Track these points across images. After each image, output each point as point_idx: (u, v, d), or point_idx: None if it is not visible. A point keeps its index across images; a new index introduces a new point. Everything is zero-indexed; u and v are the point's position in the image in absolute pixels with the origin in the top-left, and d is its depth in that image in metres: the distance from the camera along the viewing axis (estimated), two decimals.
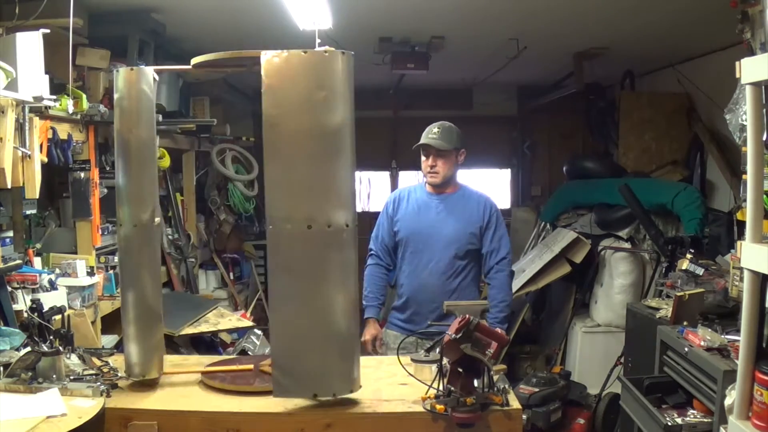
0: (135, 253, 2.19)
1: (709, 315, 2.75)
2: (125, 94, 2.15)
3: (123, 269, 2.24)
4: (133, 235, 2.17)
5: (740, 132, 2.09)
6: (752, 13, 2.28)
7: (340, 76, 1.91)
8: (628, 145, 5.41)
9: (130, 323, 2.18)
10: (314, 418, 1.96)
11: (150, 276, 2.20)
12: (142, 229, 2.16)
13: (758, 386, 1.71)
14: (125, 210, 2.17)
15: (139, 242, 2.18)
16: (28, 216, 3.18)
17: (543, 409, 3.76)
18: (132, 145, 2.16)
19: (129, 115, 2.16)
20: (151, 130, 2.20)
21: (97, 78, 3.49)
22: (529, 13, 3.92)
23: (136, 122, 2.16)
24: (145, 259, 2.20)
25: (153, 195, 2.24)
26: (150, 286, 2.20)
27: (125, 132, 2.16)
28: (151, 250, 2.23)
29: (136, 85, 2.14)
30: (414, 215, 3.03)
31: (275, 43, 1.94)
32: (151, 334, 2.20)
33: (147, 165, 2.20)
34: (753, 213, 1.72)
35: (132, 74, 2.15)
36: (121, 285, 2.25)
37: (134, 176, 2.18)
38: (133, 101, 2.15)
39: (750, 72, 1.70)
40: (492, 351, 1.92)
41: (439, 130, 2.96)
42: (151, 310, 2.20)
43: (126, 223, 2.17)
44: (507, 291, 3.02)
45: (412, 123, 3.17)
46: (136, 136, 2.16)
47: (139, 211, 2.16)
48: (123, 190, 2.18)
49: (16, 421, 1.78)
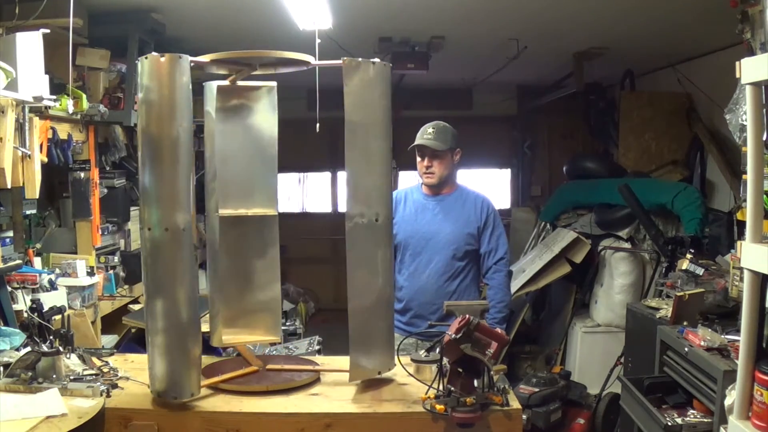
0: (167, 259, 2.00)
1: (709, 315, 2.75)
2: (155, 86, 1.95)
3: (150, 277, 2.03)
4: (164, 240, 1.97)
5: (740, 132, 2.09)
6: (752, 13, 2.28)
7: (389, 84, 2.23)
8: (628, 145, 5.41)
9: (158, 336, 2.00)
10: (314, 418, 1.96)
11: (183, 285, 2.00)
12: (175, 234, 1.97)
13: (758, 386, 1.71)
14: (154, 213, 1.99)
15: (171, 248, 1.98)
16: (28, 216, 3.19)
17: (543, 409, 3.76)
18: (164, 143, 1.97)
19: (160, 109, 1.96)
20: (188, 125, 1.99)
21: (97, 78, 3.50)
22: (529, 13, 3.92)
23: (169, 117, 1.96)
24: (179, 267, 2.00)
25: (189, 197, 2.02)
26: (183, 296, 2.00)
27: (154, 128, 1.97)
28: (185, 256, 2.01)
29: (170, 75, 1.94)
30: (411, 217, 3.02)
31: (275, 43, 1.95)
32: (184, 351, 2.00)
33: (182, 164, 1.98)
34: (753, 213, 1.72)
35: (164, 63, 1.93)
36: (146, 294, 2.06)
37: (166, 176, 1.98)
38: (165, 93, 1.95)
39: (750, 72, 1.70)
40: (492, 351, 1.91)
41: (434, 131, 2.95)
42: (186, 323, 2.00)
43: (155, 226, 1.97)
44: (506, 291, 3.01)
45: (412, 123, 3.16)
46: (168, 133, 1.96)
47: (172, 215, 1.97)
48: (151, 192, 1.99)
49: (16, 421, 1.78)
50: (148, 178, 1.99)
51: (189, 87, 1.97)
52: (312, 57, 2.21)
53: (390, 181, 2.22)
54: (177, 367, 1.99)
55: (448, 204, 3.01)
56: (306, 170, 8.06)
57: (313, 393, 2.13)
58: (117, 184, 3.74)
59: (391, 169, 2.24)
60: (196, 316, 2.04)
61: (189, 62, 1.98)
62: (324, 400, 2.06)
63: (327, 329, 5.71)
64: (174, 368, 1.98)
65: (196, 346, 2.03)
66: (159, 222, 1.97)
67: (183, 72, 1.95)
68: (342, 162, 2.17)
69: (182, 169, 1.98)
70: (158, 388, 2.00)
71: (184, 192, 1.98)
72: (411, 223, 3.01)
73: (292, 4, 3.35)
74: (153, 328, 2.02)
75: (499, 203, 7.46)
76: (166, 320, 2.00)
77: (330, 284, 7.62)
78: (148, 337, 2.03)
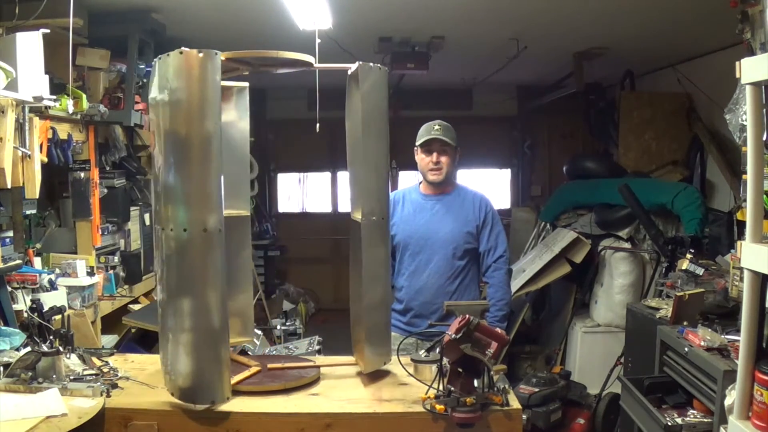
0: (196, 260, 1.94)
1: (709, 315, 2.76)
2: (183, 83, 1.89)
3: (175, 276, 1.96)
4: (193, 241, 1.91)
5: (740, 132, 2.09)
6: (752, 13, 2.28)
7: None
8: (628, 145, 5.41)
9: (182, 339, 1.95)
10: (314, 418, 1.96)
11: (215, 289, 1.95)
12: (206, 234, 1.91)
13: (758, 386, 1.71)
14: (180, 212, 1.93)
15: (202, 249, 1.93)
16: (28, 216, 3.18)
17: (543, 409, 3.76)
18: (193, 142, 1.91)
19: (189, 107, 1.90)
20: (217, 122, 1.93)
21: (97, 78, 3.50)
22: (529, 13, 3.92)
23: (201, 115, 1.90)
24: (211, 269, 1.94)
25: (220, 197, 1.96)
26: (215, 300, 1.95)
27: (182, 127, 1.91)
28: (217, 258, 1.95)
29: (203, 72, 1.88)
30: (410, 218, 3.01)
31: (275, 43, 1.95)
32: (217, 357, 1.95)
33: (213, 164, 1.93)
34: (753, 213, 1.72)
35: (195, 59, 1.87)
36: (165, 294, 2.00)
37: (196, 176, 1.92)
38: (195, 89, 1.89)
39: (750, 72, 1.70)
40: (492, 351, 1.91)
41: (440, 127, 2.96)
42: (219, 328, 1.95)
43: (181, 226, 1.91)
44: (506, 289, 3.01)
45: (412, 123, 3.16)
46: (199, 132, 1.91)
47: (203, 215, 1.92)
48: (177, 191, 1.93)
49: (16, 421, 1.78)
50: (174, 178, 1.93)
51: (219, 84, 1.93)
52: (313, 58, 2.21)
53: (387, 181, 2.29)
54: (208, 372, 1.94)
55: (446, 203, 3.01)
56: (306, 170, 8.07)
57: (313, 393, 2.13)
58: (117, 184, 3.73)
59: (391, 170, 2.26)
60: (227, 321, 2.00)
61: (221, 58, 1.93)
62: (324, 400, 2.06)
63: (327, 329, 5.71)
64: (205, 373, 1.94)
65: (227, 350, 2.00)
66: (187, 222, 1.92)
67: (216, 69, 1.91)
68: (342, 162, 2.17)
69: (214, 168, 1.93)
70: (184, 392, 1.95)
71: (215, 192, 1.94)
72: (410, 223, 3.00)
73: (292, 4, 3.35)
74: (176, 331, 1.96)
75: (499, 203, 7.46)
76: (193, 323, 1.94)
77: (330, 284, 7.62)
78: (169, 339, 1.97)
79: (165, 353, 2.03)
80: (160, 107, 1.95)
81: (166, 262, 1.98)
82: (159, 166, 1.99)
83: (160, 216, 1.99)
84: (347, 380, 2.27)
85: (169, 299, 1.99)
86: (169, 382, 2.01)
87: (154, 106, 2.00)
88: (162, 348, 2.06)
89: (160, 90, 1.94)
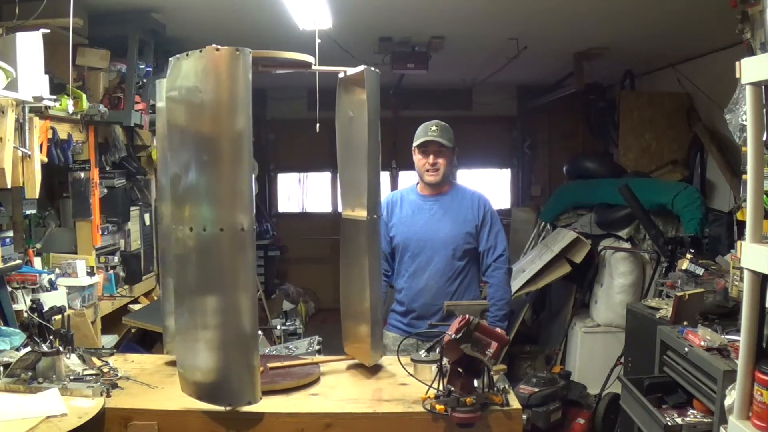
0: (225, 261, 1.91)
1: (709, 315, 2.75)
2: (211, 83, 1.86)
3: (196, 276, 1.94)
4: (219, 240, 1.88)
5: (740, 132, 2.09)
6: (752, 13, 2.28)
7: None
8: (628, 145, 5.42)
9: (205, 345, 1.93)
10: (314, 418, 1.96)
11: (246, 291, 1.92)
12: (235, 234, 1.88)
13: (758, 386, 1.71)
14: (205, 212, 1.90)
15: (230, 249, 1.89)
16: (28, 216, 3.18)
17: (543, 409, 3.76)
18: (223, 143, 1.89)
19: (217, 104, 1.87)
20: (248, 120, 1.89)
21: (97, 78, 3.50)
22: (529, 13, 3.92)
23: (229, 112, 1.87)
24: (240, 270, 1.92)
25: (252, 197, 1.93)
26: (246, 302, 1.92)
27: (207, 127, 1.89)
28: (248, 258, 1.92)
29: (233, 69, 1.85)
30: (409, 219, 3.00)
31: (275, 43, 1.95)
32: (248, 360, 1.93)
33: (244, 163, 1.90)
34: (753, 213, 1.72)
35: (227, 57, 1.84)
36: (184, 294, 1.98)
37: (226, 175, 1.89)
38: (225, 88, 1.86)
39: (750, 72, 1.70)
40: (492, 351, 1.91)
41: (437, 128, 2.95)
42: (249, 331, 1.93)
43: (207, 225, 1.88)
44: (506, 289, 3.00)
45: (412, 123, 3.16)
46: (228, 129, 1.88)
47: (232, 214, 1.89)
48: (205, 190, 1.91)
49: (16, 421, 1.78)
50: (201, 178, 1.90)
51: (250, 82, 1.89)
52: (313, 59, 2.22)
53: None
54: (240, 376, 1.93)
55: (445, 203, 3.00)
56: (306, 170, 8.07)
57: (313, 393, 2.13)
58: (117, 184, 3.74)
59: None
60: (257, 323, 1.97)
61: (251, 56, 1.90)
62: (324, 400, 2.07)
63: (327, 329, 5.70)
64: (236, 377, 1.93)
65: (256, 356, 1.96)
66: (216, 221, 1.88)
67: (247, 67, 1.88)
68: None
69: (245, 167, 1.90)
70: (212, 392, 1.94)
71: (247, 192, 1.91)
72: (408, 225, 2.99)
73: (292, 4, 3.35)
74: (198, 335, 1.93)
75: (499, 203, 7.46)
76: (221, 325, 1.91)
77: (330, 284, 7.59)
78: (194, 339, 1.94)
79: (189, 354, 1.98)
80: (181, 106, 1.92)
81: (185, 261, 1.95)
82: (180, 166, 1.94)
83: (180, 215, 1.94)
84: (347, 380, 2.27)
85: (192, 299, 1.96)
86: (191, 383, 1.97)
87: (173, 105, 1.96)
88: (183, 349, 2.00)
89: (181, 89, 1.92)
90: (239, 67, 1.86)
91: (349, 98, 2.38)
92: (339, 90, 2.38)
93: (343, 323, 2.48)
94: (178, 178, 1.95)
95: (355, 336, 2.41)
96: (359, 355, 2.40)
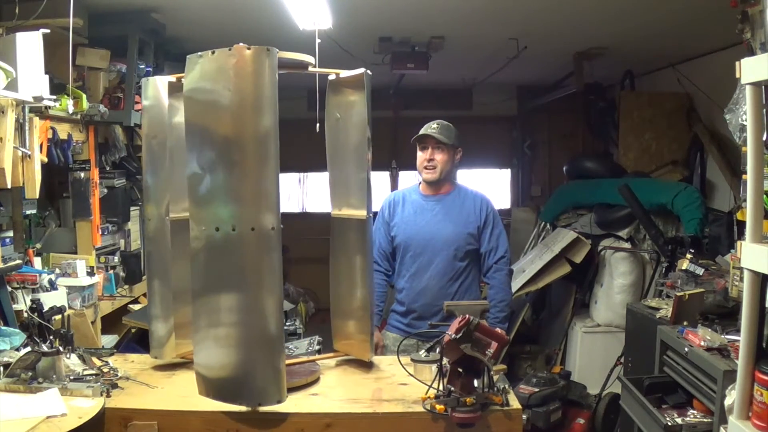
0: (248, 260, 1.91)
1: (709, 315, 2.76)
2: (241, 84, 1.85)
3: (214, 276, 1.94)
4: (243, 240, 1.88)
5: (740, 132, 2.09)
6: (752, 13, 2.28)
7: None
8: (628, 145, 5.41)
9: (230, 348, 1.93)
10: (314, 418, 1.96)
11: (271, 293, 1.92)
12: (263, 235, 1.88)
13: (758, 386, 1.71)
14: (225, 210, 1.90)
15: (256, 248, 1.89)
16: (28, 216, 3.18)
17: (543, 409, 3.76)
18: (248, 142, 1.89)
19: (246, 103, 1.87)
20: (275, 119, 1.90)
21: (97, 78, 3.50)
22: (529, 13, 3.92)
23: (258, 111, 1.88)
24: (266, 271, 1.92)
25: (278, 197, 1.93)
26: (272, 304, 1.92)
27: (230, 128, 1.89)
28: (274, 259, 1.92)
29: (260, 68, 1.86)
30: (411, 219, 3.00)
31: (275, 43, 1.94)
32: (275, 362, 1.94)
33: (271, 163, 1.90)
34: (753, 213, 1.72)
35: (254, 56, 1.84)
36: (202, 292, 1.97)
37: (252, 175, 1.89)
38: (253, 86, 1.87)
39: (750, 72, 1.70)
40: (492, 351, 1.92)
41: (438, 126, 2.96)
42: (275, 333, 1.93)
43: (240, 224, 1.88)
44: (507, 290, 3.00)
45: (412, 123, 3.16)
46: (256, 128, 1.88)
47: (259, 214, 1.88)
48: (223, 190, 1.92)
49: (16, 421, 1.78)
50: (228, 177, 1.90)
51: (277, 81, 1.90)
52: (313, 59, 2.23)
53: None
54: (266, 375, 1.94)
55: (447, 204, 3.00)
56: (306, 170, 8.06)
57: (313, 393, 2.13)
58: (117, 184, 3.74)
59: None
60: (282, 324, 1.98)
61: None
62: (324, 400, 2.07)
63: (327, 329, 5.66)
64: (262, 378, 1.94)
65: (284, 350, 1.98)
66: (241, 221, 1.88)
67: (274, 66, 1.89)
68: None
69: (271, 167, 1.90)
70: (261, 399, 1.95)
71: (273, 191, 1.91)
72: (411, 225, 2.99)
73: (292, 4, 3.35)
74: (223, 334, 1.93)
75: (499, 203, 7.46)
76: (247, 324, 1.91)
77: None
78: (211, 342, 1.95)
79: (212, 354, 1.97)
80: (204, 105, 1.92)
81: (206, 260, 1.94)
82: (203, 165, 1.93)
83: (204, 215, 1.94)
84: (347, 380, 2.27)
85: (218, 299, 1.95)
86: (213, 384, 1.96)
87: (193, 103, 1.94)
88: (205, 349, 1.98)
89: (204, 88, 1.91)
90: (269, 66, 1.87)
91: (337, 100, 2.41)
92: (328, 92, 2.40)
93: (333, 321, 2.52)
94: (200, 178, 1.94)
95: (345, 333, 2.45)
96: (352, 351, 2.42)
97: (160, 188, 2.33)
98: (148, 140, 2.35)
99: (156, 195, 2.34)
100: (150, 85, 2.31)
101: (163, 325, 2.35)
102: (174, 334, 2.35)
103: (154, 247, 2.37)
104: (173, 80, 2.27)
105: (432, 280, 2.94)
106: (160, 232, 2.33)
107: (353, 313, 2.44)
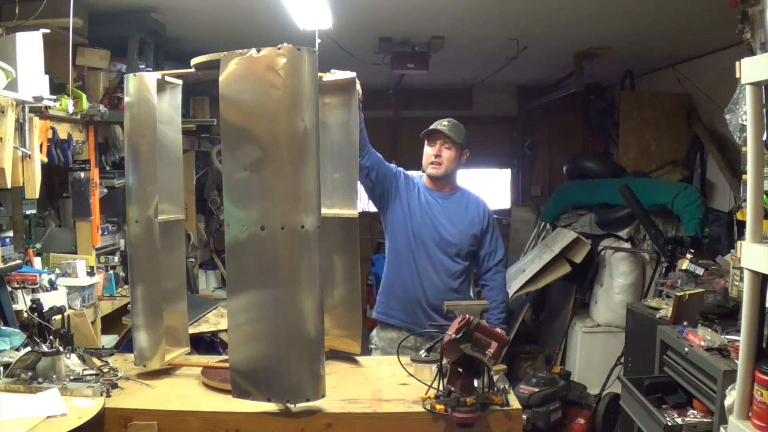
0: (284, 260, 1.93)
1: (709, 315, 2.76)
2: (288, 83, 1.88)
3: (243, 275, 1.97)
4: (278, 239, 1.90)
5: (740, 132, 2.09)
6: (752, 13, 2.28)
7: None
8: (628, 145, 5.41)
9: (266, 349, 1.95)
10: (314, 418, 1.96)
11: (311, 295, 1.94)
12: (305, 234, 1.90)
13: (758, 386, 1.71)
14: (278, 209, 1.92)
15: (294, 248, 1.91)
16: (28, 216, 3.18)
17: (543, 409, 3.76)
18: (283, 141, 1.91)
19: (291, 102, 1.90)
20: (317, 117, 1.95)
21: (97, 78, 3.49)
22: (529, 13, 3.92)
23: (301, 110, 1.91)
24: (304, 271, 1.94)
25: (318, 196, 1.96)
26: (311, 305, 1.94)
27: (265, 127, 1.92)
28: (313, 259, 1.94)
29: (306, 67, 1.91)
30: (426, 209, 2.97)
31: (275, 43, 1.94)
32: (314, 362, 1.97)
33: (310, 161, 1.93)
34: (753, 213, 1.72)
35: (301, 55, 1.89)
36: (235, 290, 1.99)
37: (287, 175, 1.91)
38: (300, 85, 1.90)
39: (750, 72, 1.70)
40: (492, 351, 1.92)
41: (450, 123, 2.97)
42: (315, 337, 1.96)
43: (272, 224, 1.89)
44: (506, 292, 3.06)
45: (412, 123, 3.17)
46: (301, 128, 1.90)
47: (296, 214, 1.90)
48: (269, 189, 1.93)
49: (16, 421, 1.78)
50: (271, 176, 1.92)
51: (317, 81, 1.95)
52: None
53: None
54: (305, 376, 1.96)
55: (451, 204, 3.02)
56: None
57: None
58: (117, 184, 3.73)
59: None
60: (322, 325, 1.99)
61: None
62: (324, 400, 2.06)
63: None
64: (301, 377, 1.96)
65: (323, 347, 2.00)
66: (282, 220, 1.89)
67: (315, 66, 1.93)
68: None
69: (310, 166, 1.93)
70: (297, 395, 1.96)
71: (313, 191, 1.94)
72: (423, 216, 2.96)
73: (292, 4, 3.35)
74: (267, 332, 1.94)
75: (499, 203, 7.45)
76: (284, 327, 1.93)
77: None
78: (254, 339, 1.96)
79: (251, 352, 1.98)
80: (246, 104, 1.93)
81: (236, 257, 1.96)
82: (243, 164, 1.94)
83: (245, 215, 1.94)
84: (347, 380, 2.27)
85: (237, 295, 1.97)
86: (253, 383, 1.96)
87: (230, 103, 1.94)
88: (244, 348, 1.99)
89: (246, 88, 1.92)
90: (313, 66, 1.92)
91: (331, 101, 2.45)
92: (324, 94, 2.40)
93: (330, 319, 2.50)
94: (243, 178, 1.94)
95: (345, 326, 2.47)
96: (352, 345, 2.45)
97: (147, 190, 2.25)
98: (133, 140, 2.28)
99: (141, 196, 2.26)
100: (132, 81, 2.24)
101: (147, 335, 2.27)
102: (164, 341, 2.28)
103: (137, 252, 2.29)
104: (159, 77, 2.26)
105: (433, 278, 2.94)
106: (146, 235, 2.25)
107: (334, 310, 2.46)
